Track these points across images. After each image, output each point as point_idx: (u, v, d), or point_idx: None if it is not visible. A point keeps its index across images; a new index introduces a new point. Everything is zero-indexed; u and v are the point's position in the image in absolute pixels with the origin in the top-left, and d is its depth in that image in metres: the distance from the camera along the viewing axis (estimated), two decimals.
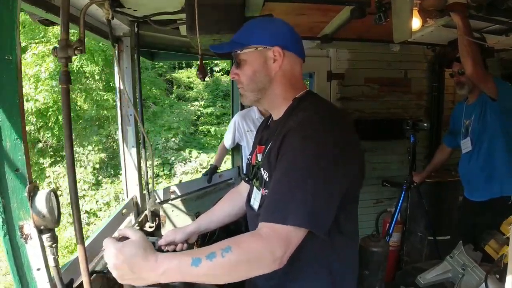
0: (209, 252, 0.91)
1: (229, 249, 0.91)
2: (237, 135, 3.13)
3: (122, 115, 2.23)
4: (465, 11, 2.06)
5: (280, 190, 1.00)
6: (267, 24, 1.23)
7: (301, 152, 1.01)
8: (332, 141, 1.02)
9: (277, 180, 1.03)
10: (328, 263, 1.14)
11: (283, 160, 1.04)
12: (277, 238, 0.94)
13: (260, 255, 0.93)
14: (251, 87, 1.20)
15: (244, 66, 1.20)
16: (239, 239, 0.97)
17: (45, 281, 1.00)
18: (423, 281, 1.82)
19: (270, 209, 0.99)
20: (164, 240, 1.54)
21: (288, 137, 1.06)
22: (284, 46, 1.17)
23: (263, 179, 1.19)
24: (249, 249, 0.93)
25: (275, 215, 0.96)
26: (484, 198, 2.51)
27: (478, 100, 2.53)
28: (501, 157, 2.44)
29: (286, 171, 1.01)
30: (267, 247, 0.93)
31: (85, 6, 1.20)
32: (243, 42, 1.19)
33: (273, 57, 1.17)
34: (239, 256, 0.92)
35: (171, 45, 2.93)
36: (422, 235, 3.39)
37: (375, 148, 3.80)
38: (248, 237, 0.98)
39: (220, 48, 1.26)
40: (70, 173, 1.01)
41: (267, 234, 0.95)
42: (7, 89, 0.92)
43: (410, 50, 3.69)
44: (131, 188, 2.30)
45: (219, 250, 0.91)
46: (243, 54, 1.19)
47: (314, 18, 2.69)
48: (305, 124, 1.06)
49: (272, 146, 1.17)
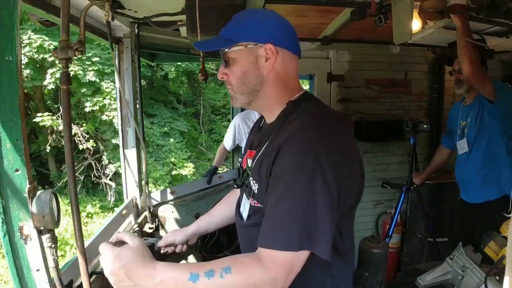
0: (208, 269, 0.89)
1: (228, 270, 0.88)
2: (237, 137, 3.12)
3: (122, 116, 2.23)
4: (465, 12, 2.06)
5: (279, 213, 0.93)
6: (258, 17, 1.09)
7: (298, 171, 0.93)
8: (329, 160, 0.93)
9: (275, 202, 0.95)
10: (322, 282, 1.08)
11: (280, 181, 0.95)
12: (281, 266, 0.90)
13: (260, 283, 0.90)
14: (242, 89, 1.09)
15: (233, 66, 1.08)
16: (240, 260, 0.93)
17: (45, 282, 1.00)
18: (423, 282, 1.82)
19: (271, 233, 0.93)
20: (163, 241, 1.53)
21: (282, 155, 0.97)
22: (277, 42, 1.05)
23: (252, 189, 1.11)
24: (249, 275, 0.89)
25: (277, 241, 0.91)
26: (480, 200, 2.51)
27: (475, 101, 2.53)
28: (498, 159, 2.45)
29: (284, 193, 0.94)
30: (269, 276, 0.89)
31: (85, 7, 1.20)
32: (231, 38, 1.07)
33: (265, 55, 1.05)
34: (237, 279, 0.88)
35: (172, 46, 2.93)
36: (422, 237, 3.40)
37: (375, 150, 3.80)
38: (250, 260, 0.93)
39: (205, 46, 1.15)
40: (70, 173, 1.01)
41: (269, 262, 0.90)
42: (7, 89, 0.92)
43: (410, 52, 3.69)
44: (130, 189, 2.30)
45: (219, 269, 0.88)
46: (231, 52, 1.07)
47: (314, 19, 2.69)
48: (300, 139, 0.97)
49: (263, 156, 1.08)
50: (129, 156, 2.27)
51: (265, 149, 1.09)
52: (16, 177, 0.93)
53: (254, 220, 1.13)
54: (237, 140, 3.15)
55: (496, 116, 2.42)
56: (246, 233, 1.21)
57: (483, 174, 2.49)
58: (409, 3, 1.93)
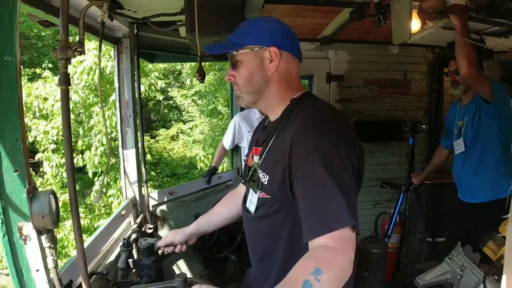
0: (301, 282, 0.86)
1: (319, 271, 0.87)
2: (237, 136, 3.13)
3: (121, 116, 2.23)
4: (464, 13, 2.06)
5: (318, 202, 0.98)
6: (263, 24, 1.19)
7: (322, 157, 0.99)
8: (343, 144, 1.02)
9: (308, 196, 1.00)
10: None
11: (303, 177, 1.01)
12: (349, 243, 0.94)
13: (346, 267, 0.93)
14: (248, 88, 1.18)
15: (240, 68, 1.18)
16: (319, 256, 0.93)
17: (44, 282, 1.00)
18: (422, 282, 1.82)
19: (325, 217, 0.96)
20: (163, 242, 1.54)
21: (296, 150, 1.03)
22: (281, 46, 1.15)
23: (261, 181, 1.17)
24: (336, 265, 0.91)
25: (332, 224, 0.94)
26: (477, 200, 2.51)
27: (472, 102, 2.54)
28: (495, 159, 2.45)
29: (311, 187, 0.99)
30: (348, 256, 0.93)
31: (85, 7, 1.20)
32: (238, 43, 1.17)
33: (270, 57, 1.14)
34: (330, 275, 0.88)
35: (171, 46, 2.93)
36: (421, 237, 3.40)
37: (374, 150, 3.80)
38: (324, 253, 0.93)
39: (215, 49, 1.23)
40: (69, 174, 1.01)
41: (339, 245, 0.93)
42: (6, 90, 0.92)
43: (409, 52, 3.70)
44: (130, 189, 2.30)
45: (310, 276, 0.87)
46: (238, 55, 1.17)
47: (313, 20, 2.69)
48: (311, 128, 1.05)
49: (271, 150, 1.16)
50: (128, 157, 2.27)
51: (273, 143, 1.17)
52: (15, 177, 0.93)
53: (262, 211, 1.20)
54: (236, 139, 3.15)
55: (493, 116, 2.42)
56: (254, 226, 1.27)
57: (480, 174, 2.49)
58: (408, 3, 1.93)
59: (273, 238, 1.18)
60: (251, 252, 1.33)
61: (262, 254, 1.25)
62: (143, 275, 1.60)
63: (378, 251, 1.58)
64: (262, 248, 1.25)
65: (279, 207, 1.14)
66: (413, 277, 1.88)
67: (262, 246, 1.25)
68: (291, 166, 1.04)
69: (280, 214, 1.15)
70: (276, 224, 1.16)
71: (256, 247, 1.29)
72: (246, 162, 1.37)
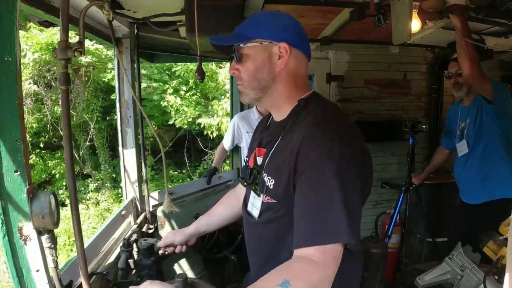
0: None
1: (287, 283, 0.84)
2: (236, 137, 3.12)
3: (121, 116, 2.22)
4: (464, 13, 2.06)
5: (315, 210, 0.94)
6: (275, 18, 1.13)
7: (328, 163, 0.95)
8: (351, 150, 0.98)
9: (306, 200, 0.96)
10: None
11: (311, 177, 0.96)
12: (332, 259, 0.90)
13: (319, 283, 0.89)
14: (253, 84, 1.12)
15: (246, 61, 1.11)
16: (293, 268, 0.91)
17: (44, 283, 1.00)
18: (422, 282, 1.82)
19: (317, 229, 0.93)
20: (163, 242, 1.53)
21: (306, 150, 0.98)
22: (292, 42, 1.09)
23: (266, 185, 1.11)
24: (308, 278, 0.87)
25: (322, 236, 0.91)
26: (480, 200, 2.51)
27: (473, 102, 2.53)
28: (497, 160, 2.44)
29: (313, 190, 0.95)
30: (328, 275, 0.90)
31: (85, 7, 1.20)
32: (247, 35, 1.10)
33: (279, 53, 1.08)
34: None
35: (171, 46, 2.93)
36: (421, 237, 3.40)
37: (374, 150, 3.79)
38: (303, 264, 0.90)
39: (221, 41, 1.17)
40: (69, 173, 1.01)
41: (322, 259, 0.90)
42: (6, 90, 0.92)
43: (409, 52, 3.70)
44: (130, 189, 2.29)
45: (276, 287, 0.84)
46: (246, 48, 1.10)
47: (313, 20, 2.69)
48: (319, 133, 1.00)
49: (277, 152, 1.11)
50: (128, 157, 2.26)
51: (279, 144, 1.12)
52: (15, 178, 0.93)
53: (267, 216, 1.14)
54: (236, 140, 3.15)
55: (493, 116, 2.42)
56: (258, 231, 1.21)
57: (482, 175, 2.49)
58: (408, 4, 1.93)
59: (278, 242, 1.13)
60: (253, 256, 1.28)
61: (267, 258, 1.19)
62: (143, 276, 1.59)
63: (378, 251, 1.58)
64: (267, 252, 1.19)
65: (285, 212, 1.08)
66: (413, 277, 1.88)
67: (267, 251, 1.19)
68: (297, 167, 1.00)
69: (285, 218, 1.08)
70: (281, 229, 1.11)
71: (259, 252, 1.23)
72: (247, 163, 1.32)
